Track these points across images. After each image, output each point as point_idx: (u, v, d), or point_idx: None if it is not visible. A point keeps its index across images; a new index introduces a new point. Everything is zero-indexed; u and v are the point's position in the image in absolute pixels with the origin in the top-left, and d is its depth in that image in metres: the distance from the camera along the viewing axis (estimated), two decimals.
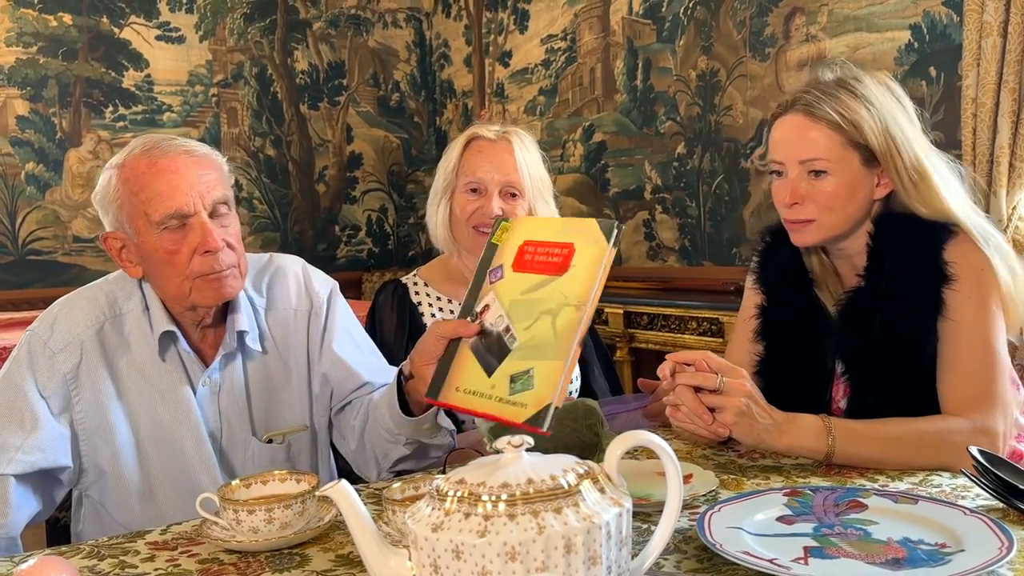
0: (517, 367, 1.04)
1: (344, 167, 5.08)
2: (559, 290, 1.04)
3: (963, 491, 1.11)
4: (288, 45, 4.90)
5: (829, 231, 1.38)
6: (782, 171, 1.39)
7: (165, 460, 1.34)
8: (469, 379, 1.09)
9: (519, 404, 1.01)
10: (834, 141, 1.33)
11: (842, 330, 1.38)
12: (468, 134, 1.78)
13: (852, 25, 3.08)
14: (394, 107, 5.21)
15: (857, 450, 1.20)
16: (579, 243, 1.05)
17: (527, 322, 1.06)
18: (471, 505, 0.69)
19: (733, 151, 3.57)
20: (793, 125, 1.37)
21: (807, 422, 1.19)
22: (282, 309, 1.45)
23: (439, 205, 1.78)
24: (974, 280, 1.30)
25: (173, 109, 4.60)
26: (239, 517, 0.99)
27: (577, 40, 4.29)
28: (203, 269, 1.29)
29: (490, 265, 1.14)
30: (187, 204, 1.27)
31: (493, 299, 1.11)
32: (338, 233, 5.06)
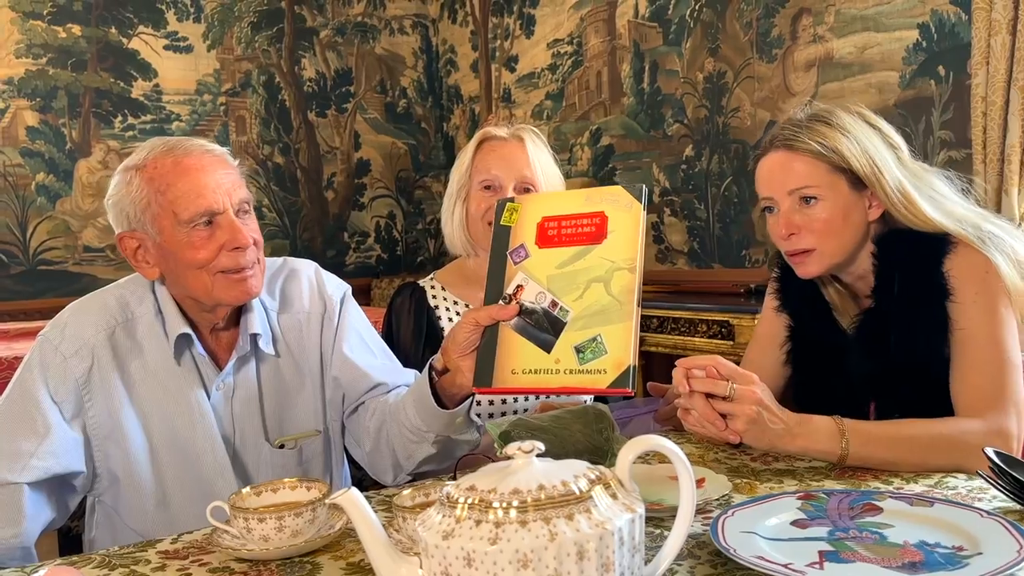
0: (580, 337, 1.05)
1: (352, 174, 5.09)
2: (603, 256, 1.07)
3: (979, 493, 1.09)
4: (295, 53, 4.92)
5: (831, 259, 1.39)
6: (773, 206, 1.42)
7: (178, 465, 1.33)
8: (525, 359, 1.09)
9: (596, 371, 1.04)
10: (819, 168, 1.36)
11: (858, 353, 1.39)
12: (480, 135, 1.79)
13: (860, 25, 3.06)
14: (401, 113, 5.22)
15: (871, 452, 1.19)
16: (610, 210, 1.08)
17: (575, 293, 1.07)
18: (482, 512, 0.68)
19: (741, 153, 3.56)
20: (776, 161, 1.40)
21: (820, 424, 1.18)
22: (295, 312, 1.44)
23: (454, 208, 1.78)
24: (978, 284, 1.30)
25: (182, 118, 4.62)
26: (249, 525, 0.99)
27: (583, 44, 4.29)
28: (230, 264, 1.29)
29: (508, 247, 1.14)
30: (216, 202, 1.28)
31: (525, 278, 1.11)
32: (347, 240, 5.07)
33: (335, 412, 1.46)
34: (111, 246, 4.44)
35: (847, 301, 1.47)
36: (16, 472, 1.23)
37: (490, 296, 1.13)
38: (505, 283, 1.12)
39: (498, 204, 1.17)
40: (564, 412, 1.34)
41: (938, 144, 2.85)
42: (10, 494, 1.23)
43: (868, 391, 1.38)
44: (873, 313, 1.38)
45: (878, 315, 1.37)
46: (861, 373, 1.38)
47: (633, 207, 1.06)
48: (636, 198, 1.07)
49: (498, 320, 1.11)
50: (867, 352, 1.37)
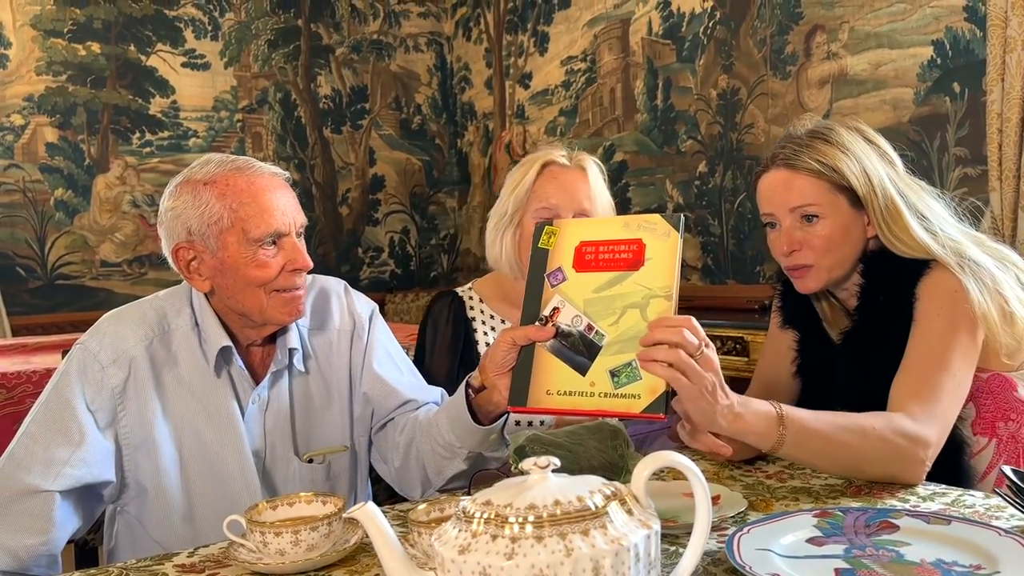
0: (615, 361, 1.06)
1: (367, 189, 5.12)
2: (640, 283, 1.08)
3: (996, 511, 1.09)
4: (311, 70, 4.97)
5: (829, 274, 1.40)
6: (774, 223, 1.43)
7: (206, 478, 1.35)
8: (560, 380, 1.10)
9: (630, 396, 1.04)
10: (820, 187, 1.38)
11: (845, 366, 1.40)
12: (542, 159, 1.75)
13: (873, 42, 3.07)
14: (416, 130, 5.26)
15: (806, 441, 1.16)
16: (647, 237, 1.09)
17: (611, 318, 1.08)
18: (498, 527, 0.69)
19: (755, 169, 3.56)
20: (777, 179, 1.41)
21: (760, 407, 1.14)
22: (326, 330, 1.47)
23: (506, 229, 1.74)
24: (943, 302, 1.31)
25: (199, 135, 4.67)
26: (266, 539, 1.00)
27: (597, 61, 4.31)
28: (287, 285, 1.34)
29: (545, 269, 1.15)
30: (284, 224, 1.33)
31: (561, 301, 1.12)
32: (361, 255, 5.10)
33: (363, 428, 1.48)
34: (128, 261, 4.48)
35: (839, 315, 1.48)
36: (50, 480, 1.24)
37: (526, 317, 1.15)
38: (542, 305, 1.14)
39: (536, 227, 1.18)
40: (579, 428, 1.34)
41: (953, 161, 2.84)
42: (42, 502, 1.24)
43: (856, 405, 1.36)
44: (857, 330, 1.40)
45: (861, 332, 1.39)
46: (848, 386, 1.40)
47: (671, 236, 1.08)
48: (674, 227, 1.08)
49: (534, 341, 1.12)
50: (853, 366, 1.39)
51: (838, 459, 1.20)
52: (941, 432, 1.23)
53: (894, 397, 1.27)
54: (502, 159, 4.95)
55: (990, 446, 1.35)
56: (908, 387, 1.26)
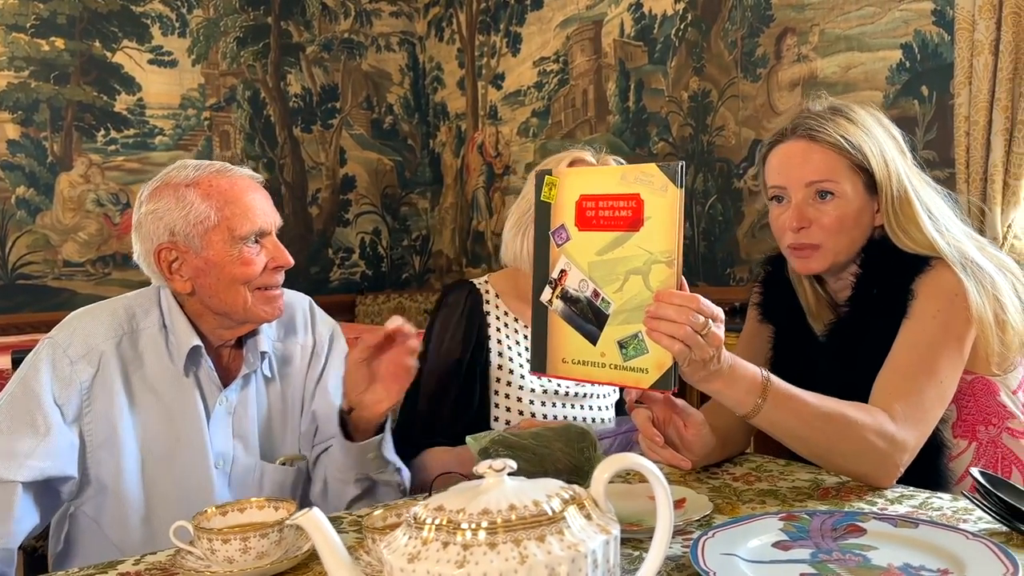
0: (623, 332, 1.04)
1: (337, 190, 5.06)
2: (640, 246, 1.02)
3: (964, 514, 1.07)
4: (281, 69, 4.90)
5: (835, 257, 1.34)
6: (783, 196, 1.36)
7: (167, 479, 1.34)
8: (574, 349, 1.08)
9: (639, 370, 1.03)
10: (840, 164, 1.31)
11: (828, 360, 1.36)
12: (570, 157, 1.68)
13: (843, 45, 3.08)
14: (387, 130, 5.21)
15: (782, 417, 1.13)
16: (646, 192, 1.02)
17: (615, 284, 1.04)
18: (449, 534, 0.65)
19: (726, 171, 3.56)
20: (796, 150, 1.34)
21: (746, 372, 1.11)
22: (289, 342, 1.50)
23: (528, 226, 1.64)
24: (943, 303, 1.27)
25: (165, 132, 4.59)
26: (213, 547, 0.96)
27: (569, 62, 4.29)
28: (269, 282, 1.37)
29: (549, 225, 1.10)
30: (267, 223, 1.37)
31: (568, 263, 1.08)
32: (331, 256, 5.03)
33: (307, 445, 1.48)
34: (91, 260, 4.38)
35: (823, 307, 1.43)
36: (12, 470, 1.23)
37: (538, 279, 1.11)
38: (550, 265, 1.09)
39: (536, 177, 1.12)
40: (545, 430, 1.31)
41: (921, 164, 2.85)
42: (5, 492, 1.23)
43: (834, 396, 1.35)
44: (846, 321, 1.35)
45: (851, 323, 1.35)
46: (831, 381, 1.33)
47: (669, 191, 1.00)
48: (671, 180, 0.99)
49: (371, 354, 1.20)
50: (837, 360, 1.34)
51: (811, 444, 1.18)
52: (920, 438, 1.21)
53: (877, 393, 1.23)
54: (474, 160, 4.92)
55: (969, 450, 1.33)
56: (893, 386, 1.23)
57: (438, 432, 1.56)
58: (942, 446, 1.31)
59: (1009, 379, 1.35)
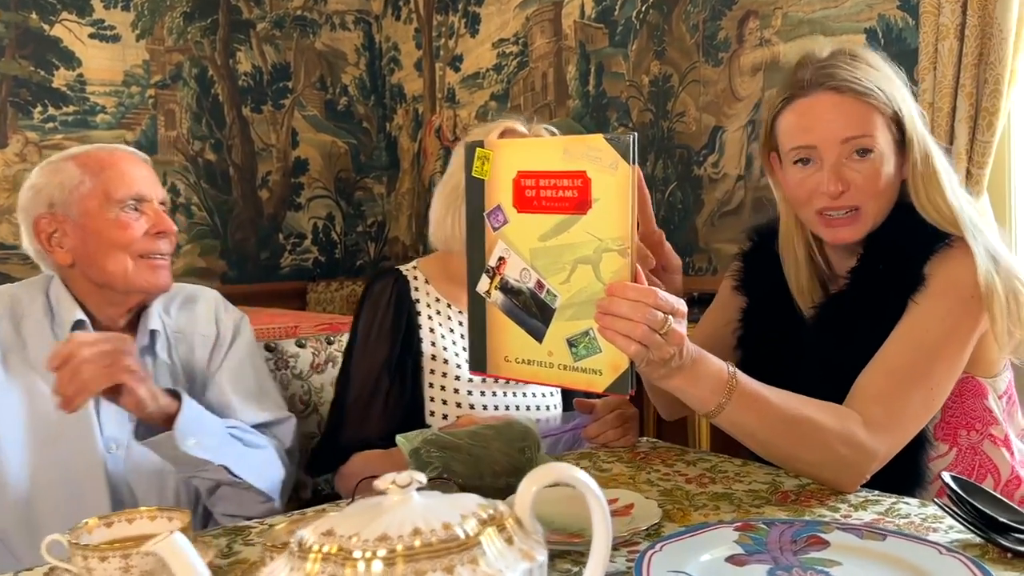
0: (572, 329, 0.93)
1: (289, 173, 4.89)
2: (588, 232, 0.91)
3: (934, 522, 0.99)
4: (230, 46, 4.71)
5: (873, 222, 1.21)
6: (812, 157, 1.21)
7: (53, 464, 1.29)
8: (517, 346, 0.97)
9: (591, 371, 0.93)
10: (876, 117, 1.18)
11: (815, 338, 1.24)
12: (500, 127, 1.56)
13: (806, 29, 3.00)
14: (342, 111, 5.04)
15: (745, 418, 1.04)
16: (593, 170, 0.90)
17: (561, 274, 0.93)
18: (339, 564, 0.54)
19: (686, 158, 3.48)
20: (826, 103, 1.19)
21: (711, 369, 1.01)
22: (188, 333, 1.44)
23: (459, 201, 1.52)
24: (957, 304, 1.15)
25: (107, 110, 4.39)
26: (90, 565, 0.83)
27: (529, 44, 4.18)
28: (151, 249, 1.35)
29: (483, 205, 0.97)
30: (146, 190, 1.36)
31: (506, 250, 0.96)
32: (282, 241, 4.87)
33: None
34: None
35: (813, 285, 1.31)
36: None
37: (473, 267, 0.99)
38: (486, 252, 0.97)
39: (466, 149, 0.98)
40: (484, 427, 1.21)
41: None
42: None
43: (817, 380, 1.22)
44: (843, 297, 1.23)
45: (848, 299, 1.22)
46: (814, 360, 1.24)
47: (619, 168, 0.88)
48: (622, 155, 0.87)
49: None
50: (826, 338, 1.23)
51: (772, 448, 1.09)
52: (894, 447, 1.11)
53: (858, 392, 1.13)
54: (432, 144, 4.78)
55: (949, 455, 1.24)
56: (877, 387, 1.12)
57: (369, 434, 1.44)
58: (925, 441, 1.20)
59: (998, 382, 1.26)
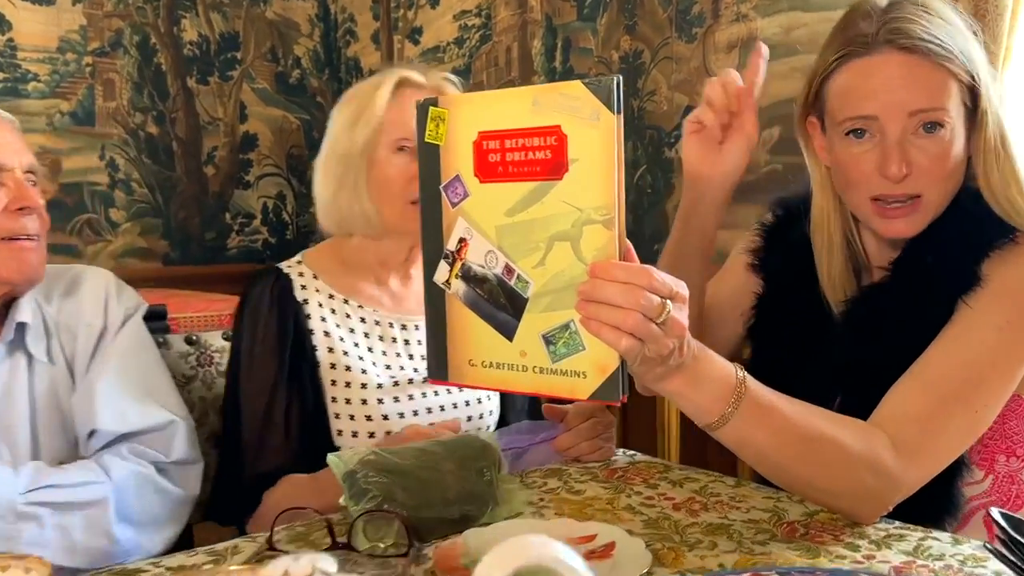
0: (548, 322, 0.77)
1: (236, 148, 4.63)
2: (566, 200, 0.74)
3: (975, 565, 0.83)
4: (175, 12, 4.44)
5: (934, 213, 1.04)
6: (868, 129, 1.03)
7: None
8: (484, 347, 0.80)
9: (573, 373, 0.76)
10: (952, 86, 1.00)
11: (842, 336, 1.08)
12: (395, 78, 1.35)
13: (786, 4, 2.85)
14: (294, 85, 4.79)
15: (754, 434, 0.87)
16: (569, 123, 0.74)
17: (534, 255, 0.77)
18: None
19: (656, 140, 3.31)
20: (895, 65, 0.99)
21: (715, 370, 0.84)
22: (73, 325, 1.25)
23: (356, 176, 1.32)
24: (1016, 309, 0.98)
25: (40, 79, 4.09)
26: None
27: (492, 17, 3.98)
28: (13, 227, 1.16)
29: (439, 177, 0.81)
30: (6, 158, 1.19)
31: (468, 229, 0.80)
32: (229, 221, 4.61)
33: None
34: None
35: (847, 275, 1.13)
36: None
37: (428, 253, 0.82)
38: (444, 232, 0.81)
39: (418, 108, 0.82)
40: (434, 444, 1.02)
41: None
42: None
43: (838, 383, 1.08)
44: (881, 291, 1.07)
45: (887, 295, 1.06)
46: (838, 360, 1.08)
47: (602, 118, 0.72)
48: (605, 102, 0.72)
49: None
50: (854, 336, 1.07)
51: (784, 471, 0.92)
52: (925, 477, 0.95)
53: (889, 406, 0.96)
54: None
55: (984, 482, 1.08)
56: (912, 404, 0.95)
57: (271, 468, 1.23)
58: (961, 465, 1.03)
59: None
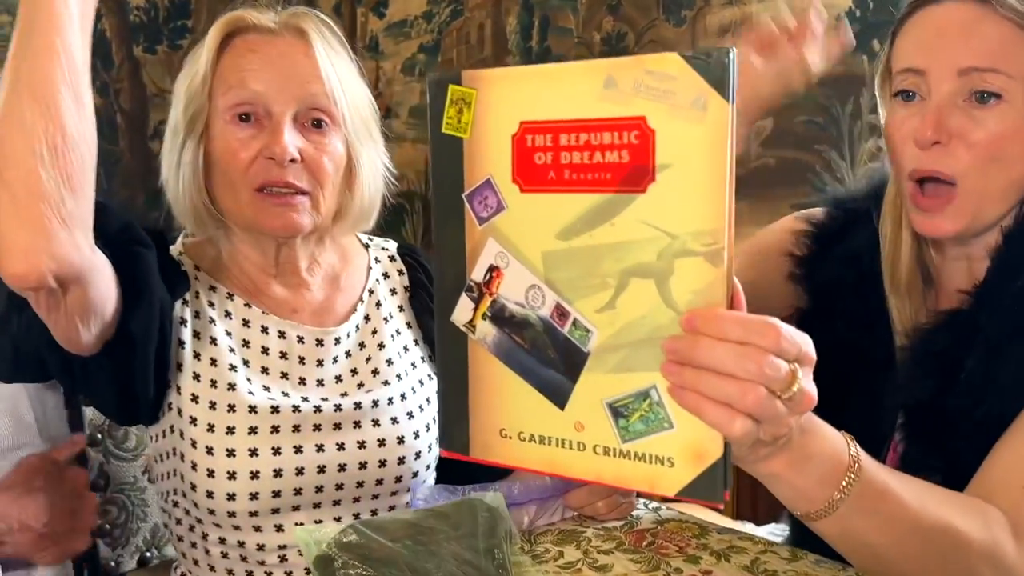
0: (618, 386, 0.56)
1: None
2: (648, 221, 0.55)
3: None
4: None
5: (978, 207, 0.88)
6: (916, 91, 0.90)
7: None
8: (522, 414, 0.59)
9: (654, 459, 0.56)
10: (1019, 43, 0.84)
11: (911, 371, 0.91)
12: (225, 24, 1.08)
13: None
14: None
15: (865, 526, 0.71)
16: (657, 114, 0.53)
17: (600, 294, 0.57)
18: None
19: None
20: (956, 16, 0.86)
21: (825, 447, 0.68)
22: None
23: (183, 151, 1.08)
24: None
25: None
26: None
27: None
28: None
29: (462, 184, 0.60)
30: None
31: (502, 254, 0.59)
32: None
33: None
34: None
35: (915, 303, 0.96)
36: None
37: (445, 286, 0.61)
38: (467, 257, 0.60)
39: (431, 87, 0.62)
40: (431, 516, 0.81)
41: (867, 130, 2.54)
42: None
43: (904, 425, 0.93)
44: (956, 320, 0.89)
45: (962, 327, 0.89)
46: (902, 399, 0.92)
47: (710, 108, 0.52)
48: (715, 86, 0.52)
49: None
50: (925, 371, 0.90)
51: (893, 565, 0.74)
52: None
53: (1000, 475, 0.79)
54: None
55: None
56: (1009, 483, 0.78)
57: None
58: None
59: None
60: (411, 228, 4.19)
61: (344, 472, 1.06)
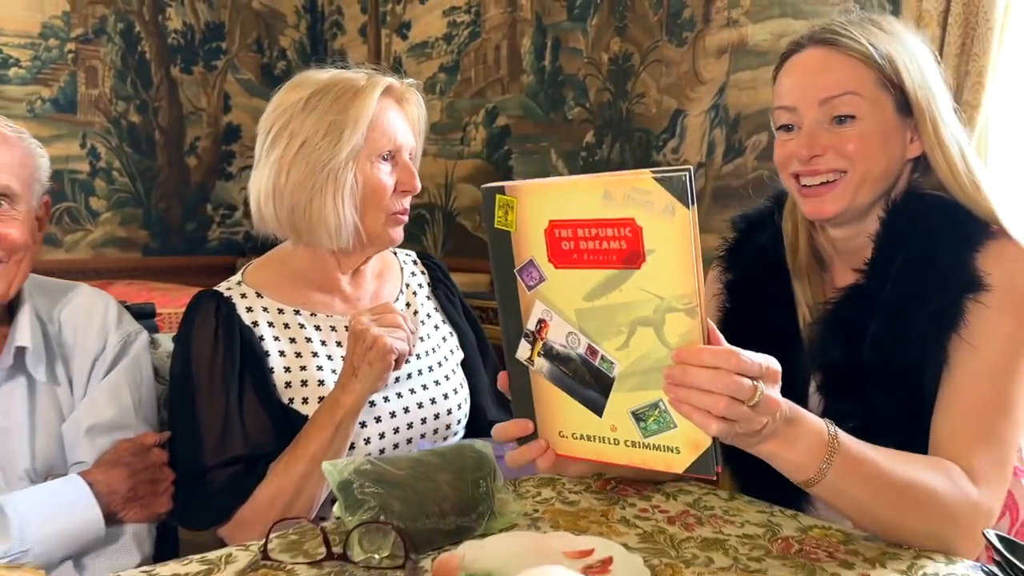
0: (636, 400, 0.80)
1: (219, 139, 4.58)
2: (645, 288, 0.77)
3: None
4: (160, 1, 4.38)
5: (858, 189, 1.07)
6: (793, 124, 1.11)
7: None
8: (573, 420, 0.84)
9: (667, 449, 0.80)
10: (865, 78, 1.06)
11: (822, 338, 1.09)
12: (381, 84, 1.32)
13: (777, 10, 2.85)
14: (279, 76, 4.74)
15: (849, 486, 0.89)
16: (643, 216, 0.75)
17: (617, 339, 0.80)
18: None
19: (645, 142, 3.31)
20: (812, 60, 1.09)
21: (807, 426, 0.86)
22: (71, 344, 1.24)
23: (335, 180, 1.26)
24: (1017, 303, 1.01)
25: (21, 64, 4.02)
26: None
27: (482, 14, 3.95)
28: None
29: (513, 261, 0.83)
30: None
31: (547, 312, 0.83)
32: (210, 212, 4.57)
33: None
34: None
35: (814, 271, 1.17)
36: None
37: (509, 333, 0.85)
38: (523, 313, 0.84)
39: (485, 198, 0.84)
40: (429, 454, 1.02)
41: None
42: None
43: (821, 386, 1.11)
44: (858, 291, 1.08)
45: (863, 295, 1.08)
46: (822, 361, 1.10)
47: (677, 213, 0.73)
48: (678, 197, 0.73)
49: None
50: (833, 337, 1.09)
51: (877, 519, 0.93)
52: (1002, 496, 0.97)
53: (948, 439, 0.98)
54: None
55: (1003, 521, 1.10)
56: (969, 434, 0.97)
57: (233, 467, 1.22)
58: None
59: None
60: (432, 237, 4.39)
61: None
